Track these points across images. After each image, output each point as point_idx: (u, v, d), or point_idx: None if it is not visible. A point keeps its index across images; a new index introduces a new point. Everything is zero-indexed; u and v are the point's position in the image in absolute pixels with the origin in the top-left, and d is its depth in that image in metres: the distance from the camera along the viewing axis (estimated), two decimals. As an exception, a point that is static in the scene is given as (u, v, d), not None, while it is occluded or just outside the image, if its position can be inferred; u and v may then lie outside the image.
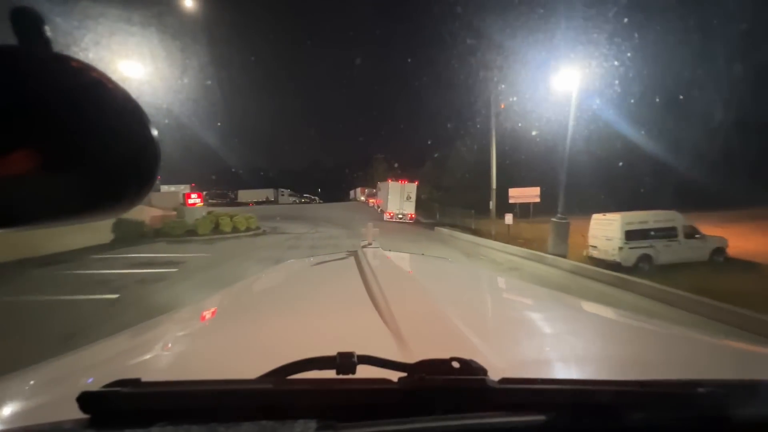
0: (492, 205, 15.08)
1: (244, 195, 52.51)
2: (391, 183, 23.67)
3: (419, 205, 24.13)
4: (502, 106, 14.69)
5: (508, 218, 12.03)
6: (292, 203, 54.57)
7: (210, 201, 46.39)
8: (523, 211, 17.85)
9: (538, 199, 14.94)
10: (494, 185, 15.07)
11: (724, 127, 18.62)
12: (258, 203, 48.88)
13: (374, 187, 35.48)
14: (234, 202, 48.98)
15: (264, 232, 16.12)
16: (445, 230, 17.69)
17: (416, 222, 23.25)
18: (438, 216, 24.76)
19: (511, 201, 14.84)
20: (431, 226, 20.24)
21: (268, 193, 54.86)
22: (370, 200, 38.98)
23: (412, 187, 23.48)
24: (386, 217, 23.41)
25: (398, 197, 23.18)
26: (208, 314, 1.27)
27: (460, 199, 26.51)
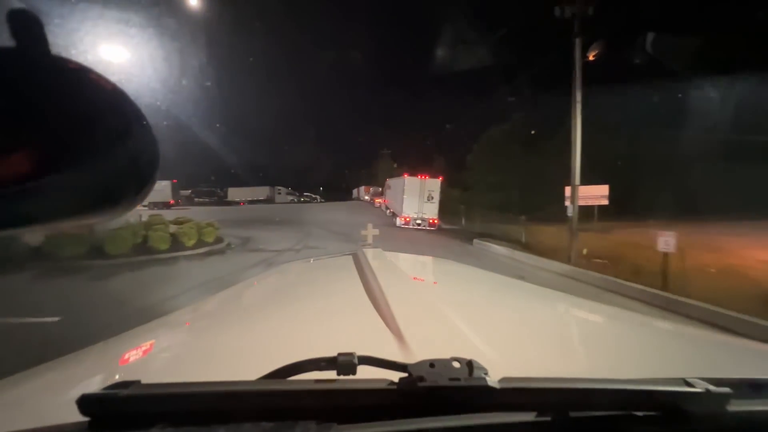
0: (572, 210, 9.85)
1: (234, 193, 46.77)
2: (407, 178, 18.09)
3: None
4: (591, 57, 9.38)
5: (666, 241, 5.54)
6: (290, 202, 49.38)
7: (196, 200, 41.41)
8: (584, 214, 13.09)
9: (606, 201, 10.59)
10: (577, 180, 9.80)
11: None
12: (252, 202, 43.81)
13: (380, 185, 30.39)
14: (223, 202, 43.64)
15: (227, 247, 10.91)
16: (497, 248, 11.73)
17: (439, 229, 17.81)
18: (464, 221, 19.46)
19: (567, 203, 10.17)
20: (464, 237, 14.67)
21: (263, 191, 49.42)
22: (377, 200, 33.90)
23: (435, 184, 17.95)
24: (399, 222, 17.99)
25: (416, 197, 17.64)
26: (208, 316, 1.30)
27: (483, 199, 21.66)
